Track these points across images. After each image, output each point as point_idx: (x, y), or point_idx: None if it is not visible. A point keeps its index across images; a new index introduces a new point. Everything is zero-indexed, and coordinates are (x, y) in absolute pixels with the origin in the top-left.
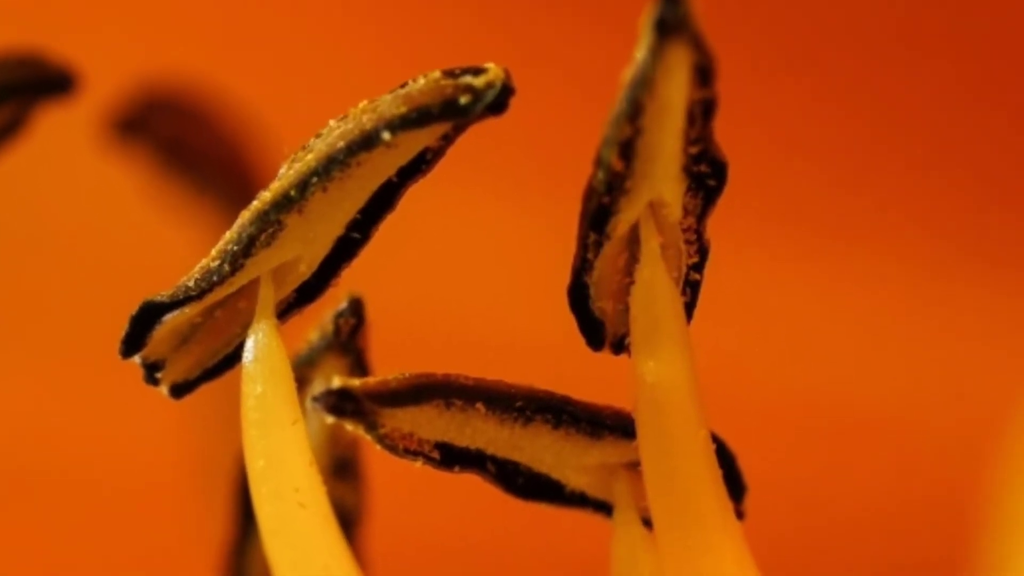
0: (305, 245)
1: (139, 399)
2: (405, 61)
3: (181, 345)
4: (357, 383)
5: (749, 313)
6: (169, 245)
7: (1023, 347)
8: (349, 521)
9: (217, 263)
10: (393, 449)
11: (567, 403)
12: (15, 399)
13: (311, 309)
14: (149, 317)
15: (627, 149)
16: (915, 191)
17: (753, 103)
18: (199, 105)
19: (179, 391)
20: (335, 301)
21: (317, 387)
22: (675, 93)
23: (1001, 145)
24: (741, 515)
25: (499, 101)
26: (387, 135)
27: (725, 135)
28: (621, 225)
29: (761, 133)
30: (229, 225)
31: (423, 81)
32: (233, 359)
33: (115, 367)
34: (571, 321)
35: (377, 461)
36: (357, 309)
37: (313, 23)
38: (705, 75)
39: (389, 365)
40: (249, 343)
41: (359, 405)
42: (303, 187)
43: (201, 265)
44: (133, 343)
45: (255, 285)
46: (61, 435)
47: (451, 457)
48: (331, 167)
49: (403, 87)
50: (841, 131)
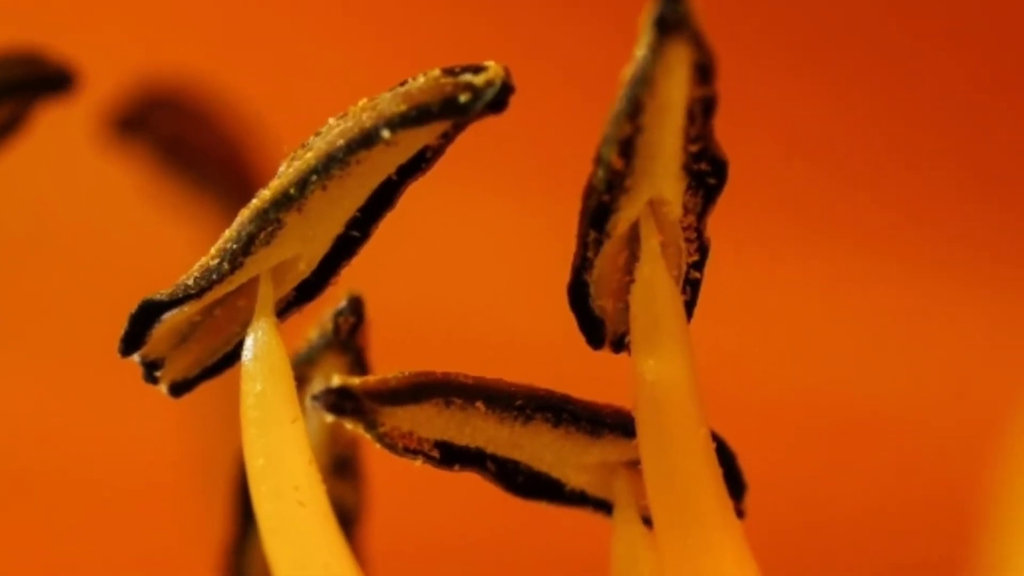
0: (305, 243)
1: (138, 398)
2: (405, 59)
3: (180, 343)
4: (357, 381)
5: (749, 312)
6: (168, 243)
7: (1023, 347)
8: (349, 520)
9: (216, 261)
10: (393, 448)
11: (567, 402)
12: (15, 399)
13: (311, 307)
14: (148, 315)
15: (627, 147)
16: (916, 190)
17: (753, 101)
18: (198, 103)
19: (178, 390)
20: (335, 299)
21: (317, 385)
22: (675, 91)
23: (1003, 145)
24: (741, 514)
25: (499, 99)
26: (387, 133)
27: (725, 133)
28: (621, 223)
29: (761, 131)
30: (228, 223)
31: (423, 79)
32: (232, 357)
33: (114, 366)
34: (571, 319)
35: (377, 460)
36: (357, 307)
37: (313, 22)
38: (705, 73)
39: (389, 363)
40: (248, 341)
41: (359, 404)
42: (303, 185)
43: (200, 263)
44: (132, 341)
45: (254, 283)
46: (61, 434)
47: (451, 456)
48: (331, 165)
49: (403, 85)
50: (841, 130)
